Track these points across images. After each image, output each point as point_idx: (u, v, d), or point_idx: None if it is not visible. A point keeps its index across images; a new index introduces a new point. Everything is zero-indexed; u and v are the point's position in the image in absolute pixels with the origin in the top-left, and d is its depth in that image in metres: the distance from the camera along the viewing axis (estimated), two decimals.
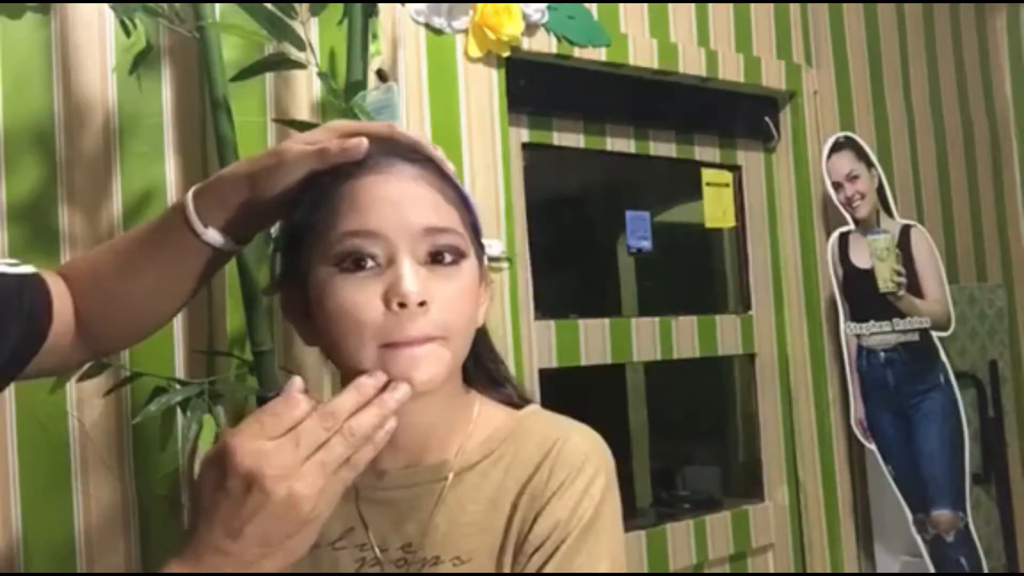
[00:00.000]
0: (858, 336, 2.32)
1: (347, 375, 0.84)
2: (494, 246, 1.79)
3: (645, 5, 2.15)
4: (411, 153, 0.86)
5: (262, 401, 1.39)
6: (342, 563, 0.90)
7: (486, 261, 0.94)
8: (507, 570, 0.86)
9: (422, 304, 0.79)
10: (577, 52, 2.01)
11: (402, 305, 0.78)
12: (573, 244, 2.39)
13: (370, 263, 0.81)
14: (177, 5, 1.40)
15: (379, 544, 0.89)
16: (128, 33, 1.42)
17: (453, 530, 0.88)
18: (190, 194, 0.87)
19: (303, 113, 1.63)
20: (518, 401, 0.97)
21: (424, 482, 0.89)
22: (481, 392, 0.96)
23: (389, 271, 0.80)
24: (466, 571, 0.86)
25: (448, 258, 0.83)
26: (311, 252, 0.83)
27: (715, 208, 2.35)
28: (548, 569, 0.84)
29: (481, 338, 0.95)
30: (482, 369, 0.97)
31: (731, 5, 2.31)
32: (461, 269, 0.84)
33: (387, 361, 0.80)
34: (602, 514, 0.86)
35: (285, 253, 0.89)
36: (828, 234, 2.35)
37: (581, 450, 0.88)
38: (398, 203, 0.82)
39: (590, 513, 0.85)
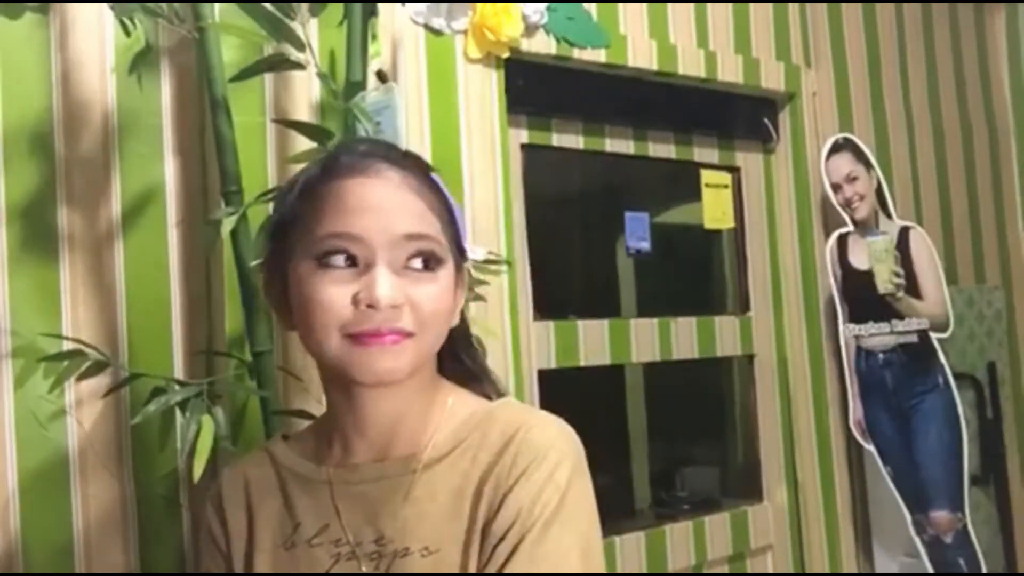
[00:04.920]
0: (857, 337, 2.32)
1: (319, 363, 0.90)
2: (477, 252, 1.79)
3: (644, 6, 2.15)
4: (400, 159, 0.89)
5: (263, 402, 1.39)
6: (318, 560, 0.90)
7: (469, 265, 0.98)
8: (474, 557, 0.85)
9: (395, 308, 0.83)
10: (576, 53, 2.01)
11: (371, 307, 0.82)
12: (572, 245, 2.39)
13: (349, 263, 0.84)
14: (177, 5, 1.40)
15: (354, 537, 0.89)
16: (128, 33, 1.42)
17: (422, 521, 0.88)
18: None
19: (303, 113, 1.63)
20: (494, 396, 0.98)
21: (394, 475, 0.90)
22: (459, 385, 0.97)
23: (366, 275, 0.83)
24: (434, 561, 0.86)
25: (426, 264, 0.86)
26: (296, 244, 0.87)
27: (714, 209, 2.35)
28: (515, 559, 0.82)
29: (460, 334, 0.98)
30: (459, 363, 0.99)
31: (730, 6, 2.31)
32: (437, 275, 0.87)
33: (351, 351, 0.84)
34: (568, 502, 0.85)
35: (271, 239, 0.92)
36: (827, 235, 2.35)
37: (546, 436, 0.88)
38: (382, 209, 0.85)
39: (555, 501, 0.84)
